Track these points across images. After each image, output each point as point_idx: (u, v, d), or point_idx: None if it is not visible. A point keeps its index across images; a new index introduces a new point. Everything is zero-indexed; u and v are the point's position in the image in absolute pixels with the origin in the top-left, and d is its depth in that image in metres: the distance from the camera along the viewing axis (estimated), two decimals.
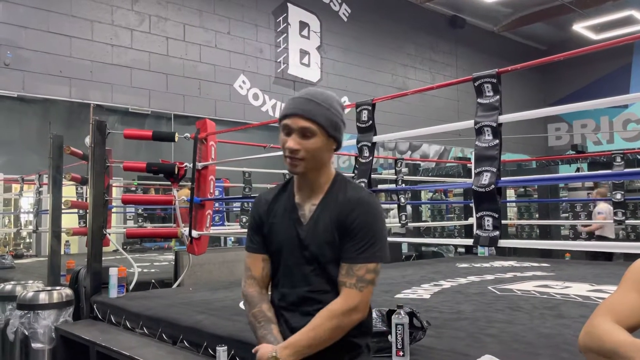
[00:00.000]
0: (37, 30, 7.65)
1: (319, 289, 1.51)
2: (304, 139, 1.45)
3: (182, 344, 2.87)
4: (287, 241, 1.54)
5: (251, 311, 1.56)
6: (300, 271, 1.53)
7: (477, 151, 2.35)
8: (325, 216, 1.51)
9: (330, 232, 1.50)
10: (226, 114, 9.54)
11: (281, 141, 1.49)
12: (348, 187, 1.55)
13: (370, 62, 12.10)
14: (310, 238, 1.52)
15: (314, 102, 1.47)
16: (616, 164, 5.11)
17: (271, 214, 1.59)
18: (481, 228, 2.31)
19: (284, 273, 1.56)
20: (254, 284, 1.59)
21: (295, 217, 1.55)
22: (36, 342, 3.54)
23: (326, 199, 1.53)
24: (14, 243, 8.58)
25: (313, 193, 1.55)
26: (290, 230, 1.54)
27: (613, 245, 4.75)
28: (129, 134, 4.31)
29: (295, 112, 1.46)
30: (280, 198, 1.60)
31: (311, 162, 1.48)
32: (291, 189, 1.59)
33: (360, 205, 1.49)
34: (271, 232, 1.57)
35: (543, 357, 2.04)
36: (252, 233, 1.62)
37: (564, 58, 2.31)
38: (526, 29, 14.67)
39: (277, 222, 1.57)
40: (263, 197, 1.65)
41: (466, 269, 5.20)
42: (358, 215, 1.48)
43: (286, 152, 1.46)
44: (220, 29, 9.76)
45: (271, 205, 1.60)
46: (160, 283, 4.84)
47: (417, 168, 9.91)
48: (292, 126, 1.46)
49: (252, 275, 1.59)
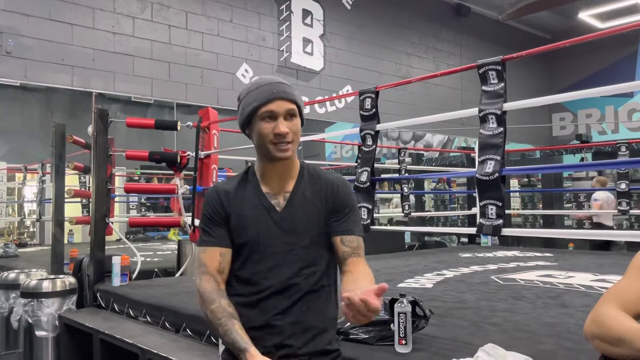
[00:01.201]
0: (38, 18, 7.61)
1: (304, 273, 1.51)
2: (289, 122, 1.47)
3: (185, 332, 2.88)
4: (263, 231, 1.51)
5: (209, 307, 1.48)
6: (283, 259, 1.51)
7: (481, 139, 2.33)
8: (307, 200, 1.53)
9: (316, 214, 1.53)
10: (229, 103, 9.49)
11: (263, 129, 1.46)
12: (318, 171, 1.61)
13: (374, 50, 12.01)
14: (290, 224, 1.51)
15: (285, 84, 1.50)
16: (621, 154, 5.07)
17: (237, 204, 1.54)
18: (485, 217, 2.29)
19: (263, 264, 1.51)
20: (210, 279, 1.51)
21: (267, 205, 1.53)
22: (40, 330, 3.57)
23: (301, 184, 1.55)
24: (17, 232, 8.61)
25: (283, 181, 1.54)
26: (265, 219, 1.52)
27: (617, 234, 4.72)
28: (131, 122, 4.30)
29: (279, 96, 1.46)
30: (243, 189, 1.56)
31: (296, 144, 1.50)
32: (253, 179, 1.57)
33: (343, 185, 1.59)
34: (241, 225, 1.52)
35: (546, 346, 2.03)
36: (211, 226, 1.54)
37: (569, 46, 2.28)
38: (531, 18, 14.52)
39: (246, 213, 1.53)
40: (221, 189, 1.58)
41: (469, 258, 5.19)
42: (344, 194, 1.57)
43: (273, 138, 1.46)
44: (223, 17, 9.69)
45: (234, 196, 1.55)
46: (163, 272, 4.86)
47: (421, 158, 9.88)
48: (277, 110, 1.45)
49: (208, 271, 1.52)
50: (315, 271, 1.52)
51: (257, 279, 1.51)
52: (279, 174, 1.54)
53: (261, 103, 1.45)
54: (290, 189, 1.55)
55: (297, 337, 1.49)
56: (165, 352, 2.58)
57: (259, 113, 1.46)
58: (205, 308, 1.50)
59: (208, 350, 2.57)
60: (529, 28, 15.23)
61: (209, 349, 2.59)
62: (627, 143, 5.14)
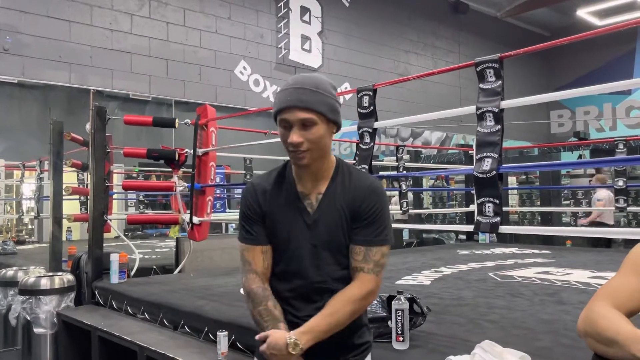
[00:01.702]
0: (36, 15, 7.59)
1: (331, 277, 1.50)
2: (304, 130, 1.41)
3: (183, 329, 2.88)
4: (295, 231, 1.51)
5: (256, 308, 1.50)
6: (310, 261, 1.50)
7: (478, 137, 2.33)
8: (335, 203, 1.50)
9: (342, 218, 1.50)
10: (227, 100, 9.50)
11: (281, 136, 1.44)
12: (353, 174, 1.55)
13: (372, 48, 12.01)
14: (320, 227, 1.50)
15: (307, 90, 1.42)
16: (619, 151, 5.08)
17: (273, 202, 1.53)
18: (482, 214, 2.30)
19: (292, 264, 1.51)
20: (256, 279, 1.52)
21: (301, 206, 1.51)
22: (38, 327, 3.57)
23: (333, 186, 1.52)
24: (16, 229, 8.61)
25: (317, 182, 1.52)
26: (297, 220, 1.51)
27: (614, 232, 4.74)
28: (129, 119, 4.29)
29: (292, 105, 1.40)
30: (279, 187, 1.54)
31: (316, 151, 1.44)
32: (290, 176, 1.55)
33: (373, 192, 1.51)
34: (275, 223, 1.52)
35: (543, 343, 2.04)
36: (250, 223, 1.54)
37: (568, 44, 2.28)
38: (530, 15, 14.52)
39: (280, 212, 1.52)
40: (258, 186, 1.56)
41: (467, 255, 5.20)
42: (372, 201, 1.50)
43: (289, 146, 1.43)
44: (221, 14, 9.68)
45: (271, 194, 1.54)
46: (162, 269, 4.86)
47: (419, 155, 9.89)
48: (290, 119, 1.41)
49: (254, 270, 1.53)
50: (342, 275, 1.52)
51: (288, 278, 1.52)
52: (310, 176, 1.52)
53: (277, 110, 1.44)
54: (323, 191, 1.52)
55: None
56: (164, 349, 2.58)
57: (278, 119, 1.44)
58: (252, 307, 1.51)
59: (206, 347, 2.57)
60: (527, 25, 15.22)
61: (207, 346, 2.59)
62: (625, 140, 5.14)
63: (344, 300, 1.47)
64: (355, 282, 1.49)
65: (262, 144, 4.61)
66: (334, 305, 1.46)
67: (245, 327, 2.45)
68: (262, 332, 1.47)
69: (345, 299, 1.47)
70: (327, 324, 1.43)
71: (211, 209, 4.49)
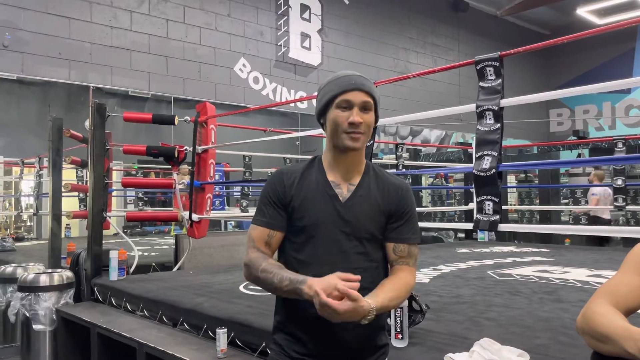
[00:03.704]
0: (35, 12, 7.57)
1: (359, 266, 1.48)
2: (363, 113, 1.48)
3: (182, 326, 2.89)
4: (324, 217, 1.51)
5: (259, 270, 1.46)
6: (339, 248, 1.50)
7: (478, 135, 2.33)
8: (371, 196, 1.54)
9: (377, 212, 1.53)
10: (226, 98, 9.48)
11: (336, 117, 1.48)
12: (382, 171, 1.62)
13: (372, 45, 12.00)
14: (352, 215, 1.51)
15: (365, 78, 1.52)
16: (618, 150, 5.09)
17: (302, 187, 1.54)
18: (481, 212, 2.30)
19: (319, 250, 1.50)
20: (256, 251, 1.52)
21: (332, 193, 1.53)
22: (37, 323, 3.57)
23: (367, 180, 1.56)
24: (14, 226, 8.61)
25: (349, 173, 1.55)
26: (327, 205, 1.51)
27: (613, 230, 4.75)
28: (128, 116, 4.29)
29: (357, 87, 1.48)
30: (309, 174, 1.57)
31: (366, 136, 1.51)
32: (320, 167, 1.57)
33: (407, 191, 1.60)
34: (303, 208, 1.52)
35: (541, 340, 2.05)
36: (267, 206, 1.54)
37: (567, 42, 2.28)
38: (529, 13, 14.51)
39: (310, 197, 1.53)
40: (287, 172, 1.58)
41: (466, 254, 5.21)
42: (409, 201, 1.58)
43: (347, 127, 1.47)
44: (221, 11, 9.66)
45: (300, 179, 1.55)
46: (161, 266, 4.87)
47: (418, 153, 9.89)
48: (354, 100, 1.47)
49: (255, 245, 1.53)
50: (368, 266, 1.52)
51: (314, 262, 1.50)
52: (346, 166, 1.54)
53: (339, 92, 1.48)
54: (356, 183, 1.55)
55: (350, 333, 1.48)
56: (163, 346, 2.58)
57: (336, 101, 1.48)
58: (255, 272, 1.48)
59: (205, 344, 2.58)
60: (526, 24, 15.21)
61: (206, 342, 2.60)
62: (624, 139, 5.15)
63: (403, 285, 1.50)
64: (404, 272, 1.54)
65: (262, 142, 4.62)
66: (395, 286, 1.48)
67: (245, 324, 2.46)
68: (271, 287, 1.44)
69: (403, 284, 1.50)
70: (389, 300, 1.42)
71: (210, 207, 4.49)
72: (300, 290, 1.37)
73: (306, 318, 1.47)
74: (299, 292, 1.37)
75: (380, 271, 1.56)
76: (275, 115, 9.43)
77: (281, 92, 10.41)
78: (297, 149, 9.79)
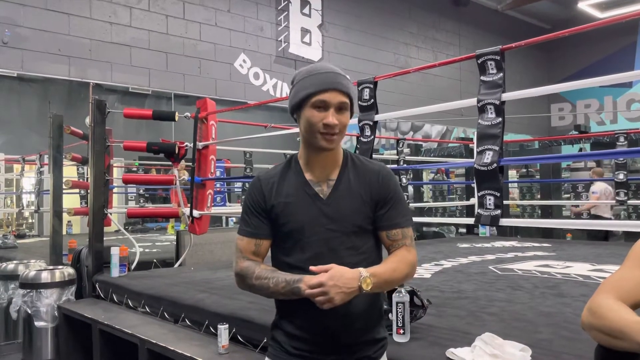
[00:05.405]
0: (35, 8, 7.56)
1: (350, 261, 1.46)
2: (339, 114, 1.45)
3: (183, 323, 2.89)
4: (308, 218, 1.49)
5: (252, 277, 1.46)
6: (328, 247, 1.49)
7: (479, 129, 2.32)
8: (352, 189, 1.51)
9: (360, 203, 1.51)
10: (227, 94, 9.47)
11: (311, 117, 1.44)
12: (361, 160, 1.59)
13: (373, 40, 11.97)
14: (335, 211, 1.49)
15: (342, 75, 1.47)
16: (619, 144, 5.07)
17: (281, 192, 1.52)
18: (483, 207, 2.30)
19: (307, 251, 1.49)
20: (245, 260, 1.51)
21: (312, 192, 1.51)
22: (39, 320, 3.58)
23: (345, 173, 1.53)
24: (16, 223, 8.62)
25: (326, 169, 1.53)
26: (309, 206, 1.50)
27: (614, 224, 4.74)
28: (128, 113, 4.28)
29: (334, 87, 1.43)
30: (286, 177, 1.54)
31: (341, 136, 1.49)
32: (297, 167, 1.55)
33: (387, 175, 1.56)
34: (285, 212, 1.51)
35: (543, 335, 2.04)
36: (250, 216, 1.54)
37: (568, 36, 2.27)
38: (530, 7, 14.46)
39: (291, 201, 1.51)
40: (264, 178, 1.56)
41: (467, 249, 5.21)
42: (391, 185, 1.54)
43: (321, 128, 1.44)
44: (221, 6, 9.63)
45: (278, 185, 1.53)
46: (162, 263, 4.87)
47: (419, 148, 9.87)
48: (330, 101, 1.43)
49: (243, 255, 1.52)
50: (360, 260, 1.50)
51: (304, 267, 1.47)
52: (322, 163, 1.52)
53: (315, 91, 1.43)
54: (335, 177, 1.53)
55: (345, 327, 1.48)
56: (164, 342, 2.58)
57: (312, 100, 1.44)
58: (249, 281, 1.47)
59: (207, 340, 2.58)
60: (528, 18, 15.16)
61: (207, 339, 2.60)
62: (626, 133, 5.13)
63: (401, 260, 1.48)
64: (401, 250, 1.52)
65: (262, 138, 4.60)
66: (394, 261, 1.47)
67: (246, 320, 2.46)
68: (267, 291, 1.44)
69: (402, 260, 1.49)
70: (389, 276, 1.43)
71: (211, 203, 4.49)
72: (297, 289, 1.37)
73: (303, 314, 1.47)
74: (296, 292, 1.38)
75: (373, 260, 1.54)
76: (276, 111, 9.41)
77: (281, 87, 10.39)
78: (298, 145, 9.75)
